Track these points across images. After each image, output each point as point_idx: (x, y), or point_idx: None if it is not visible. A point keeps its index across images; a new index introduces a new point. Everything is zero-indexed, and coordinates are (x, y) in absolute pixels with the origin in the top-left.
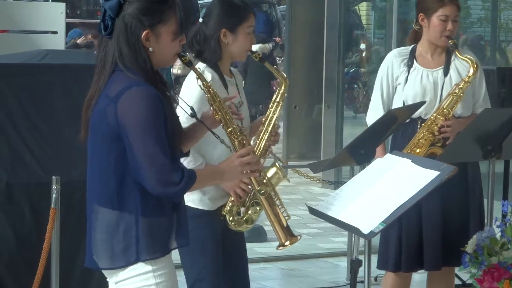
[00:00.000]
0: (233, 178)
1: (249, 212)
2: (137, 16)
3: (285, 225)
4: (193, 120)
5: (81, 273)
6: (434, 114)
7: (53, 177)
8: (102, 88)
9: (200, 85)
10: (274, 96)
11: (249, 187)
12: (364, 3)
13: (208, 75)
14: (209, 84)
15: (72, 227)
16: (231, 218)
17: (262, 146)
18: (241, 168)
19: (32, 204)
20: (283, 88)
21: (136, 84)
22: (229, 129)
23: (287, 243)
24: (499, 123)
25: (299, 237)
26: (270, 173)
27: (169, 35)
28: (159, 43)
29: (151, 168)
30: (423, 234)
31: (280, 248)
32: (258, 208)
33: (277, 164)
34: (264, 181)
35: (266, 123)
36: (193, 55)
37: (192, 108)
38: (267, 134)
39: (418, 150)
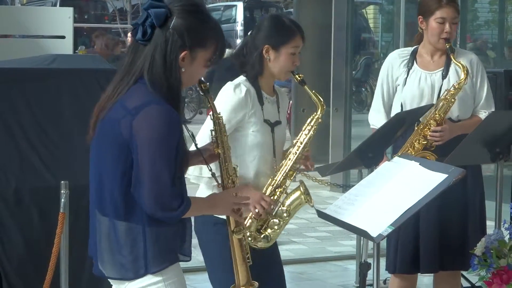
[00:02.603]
0: (221, 213)
1: (268, 231)
2: (182, 34)
3: (247, 270)
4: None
5: (90, 278)
6: (427, 118)
7: (62, 181)
8: (121, 95)
9: (210, 115)
10: (309, 120)
11: (271, 206)
12: (372, 6)
13: (244, 88)
14: (219, 116)
15: (81, 232)
16: (248, 234)
17: (289, 167)
18: (233, 206)
19: (40, 208)
20: (319, 112)
21: (156, 102)
22: (225, 166)
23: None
24: (507, 125)
25: (256, 285)
26: (293, 196)
27: (204, 60)
28: (192, 65)
29: (154, 188)
30: (419, 237)
31: None
32: (276, 228)
33: (301, 188)
34: (242, 228)
35: (296, 145)
36: (237, 66)
37: (192, 135)
38: (296, 156)
39: (413, 153)
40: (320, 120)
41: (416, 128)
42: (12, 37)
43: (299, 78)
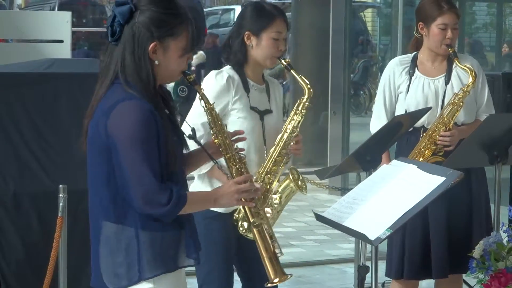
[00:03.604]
0: (227, 205)
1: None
2: (148, 26)
3: (276, 261)
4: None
5: (89, 282)
6: (435, 123)
7: (60, 185)
8: (101, 98)
9: (203, 106)
10: (296, 105)
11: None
12: (370, 10)
13: (225, 74)
14: (212, 106)
15: (79, 236)
16: (240, 224)
17: (277, 153)
18: (237, 195)
19: (39, 213)
20: (306, 96)
21: (129, 98)
22: (227, 155)
23: (276, 280)
24: (505, 128)
25: (289, 276)
26: (283, 185)
27: (178, 50)
28: (166, 57)
29: (138, 186)
30: (430, 242)
31: (268, 284)
32: (269, 217)
33: (291, 176)
34: (260, 213)
35: (283, 131)
36: (224, 57)
37: (193, 130)
38: (283, 142)
39: (420, 159)
40: (307, 103)
41: (424, 134)
42: (10, 42)
43: (285, 63)
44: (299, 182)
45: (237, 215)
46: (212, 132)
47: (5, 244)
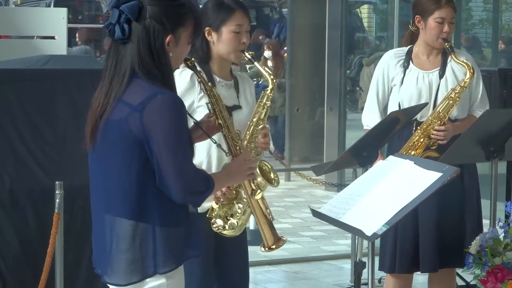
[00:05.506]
0: (239, 181)
1: (235, 218)
2: (160, 20)
3: (272, 228)
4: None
5: (86, 278)
6: (430, 118)
7: (57, 182)
8: (119, 97)
9: (202, 89)
10: (260, 97)
11: (230, 189)
12: (366, 6)
13: (189, 72)
14: (212, 88)
15: (76, 232)
16: (213, 221)
17: (243, 148)
18: (249, 171)
19: (36, 209)
20: (269, 89)
21: (161, 92)
22: (230, 135)
23: (273, 246)
24: (501, 124)
25: (285, 238)
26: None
27: (187, 38)
28: (178, 47)
29: (180, 177)
30: (419, 236)
31: (266, 250)
32: (240, 212)
33: (258, 171)
34: (256, 183)
35: (249, 125)
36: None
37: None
38: (249, 135)
39: (413, 153)
40: (271, 95)
41: (419, 128)
42: (9, 38)
43: (249, 56)
44: (272, 174)
45: (210, 213)
46: (213, 112)
47: (1, 240)
